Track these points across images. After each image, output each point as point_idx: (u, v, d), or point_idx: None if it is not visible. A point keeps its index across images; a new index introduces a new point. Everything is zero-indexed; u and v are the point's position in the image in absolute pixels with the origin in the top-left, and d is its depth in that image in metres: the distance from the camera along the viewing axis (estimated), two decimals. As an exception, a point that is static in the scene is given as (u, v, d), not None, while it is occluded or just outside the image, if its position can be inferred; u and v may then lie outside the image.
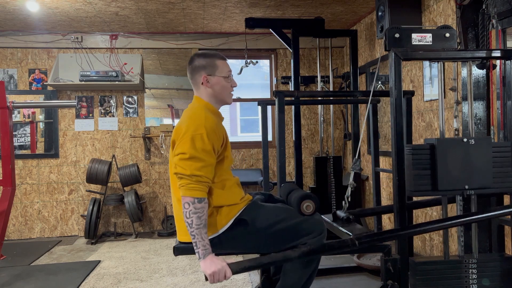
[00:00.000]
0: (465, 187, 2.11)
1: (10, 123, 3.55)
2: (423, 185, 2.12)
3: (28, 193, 5.25)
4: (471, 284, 2.11)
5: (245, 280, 3.42)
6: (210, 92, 2.10)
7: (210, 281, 1.87)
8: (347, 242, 1.97)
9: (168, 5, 4.32)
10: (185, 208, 1.87)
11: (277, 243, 2.07)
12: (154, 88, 5.47)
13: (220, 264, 1.85)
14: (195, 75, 2.11)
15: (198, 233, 1.86)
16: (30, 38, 5.20)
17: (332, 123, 5.17)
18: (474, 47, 2.88)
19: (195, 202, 1.86)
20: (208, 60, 2.11)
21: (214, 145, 1.95)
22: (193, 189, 1.88)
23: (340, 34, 4.84)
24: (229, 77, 2.14)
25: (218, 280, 1.86)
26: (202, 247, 1.86)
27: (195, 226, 1.85)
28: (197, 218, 1.86)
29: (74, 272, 3.78)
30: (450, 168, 2.09)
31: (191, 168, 1.89)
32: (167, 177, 5.45)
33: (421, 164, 2.12)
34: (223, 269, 1.86)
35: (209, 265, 1.85)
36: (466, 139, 2.11)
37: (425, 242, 3.80)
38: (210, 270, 1.84)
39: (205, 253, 1.86)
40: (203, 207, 1.88)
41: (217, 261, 1.86)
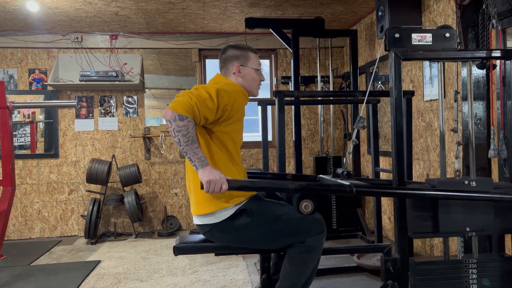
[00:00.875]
0: (467, 229, 2.09)
1: (10, 123, 3.55)
2: (424, 227, 2.09)
3: (28, 193, 5.25)
4: (471, 284, 2.11)
5: (245, 280, 3.43)
6: (241, 82, 2.18)
7: (205, 189, 1.84)
8: (344, 186, 1.97)
9: (168, 5, 4.32)
10: (169, 127, 1.87)
11: (276, 239, 2.08)
12: (154, 88, 5.47)
13: (218, 175, 1.84)
14: (228, 64, 2.19)
15: (189, 149, 1.86)
16: (30, 38, 5.20)
17: (332, 123, 5.17)
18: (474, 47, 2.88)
19: (176, 119, 1.85)
20: (242, 51, 2.20)
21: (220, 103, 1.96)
22: (177, 103, 1.87)
23: (340, 34, 4.84)
24: (259, 70, 2.23)
25: (213, 189, 1.84)
26: (198, 160, 1.86)
27: (184, 144, 1.85)
28: (183, 136, 1.85)
29: (74, 272, 3.78)
30: (451, 210, 2.07)
31: (187, 92, 1.94)
32: (167, 177, 5.46)
33: (422, 205, 2.09)
34: (221, 180, 1.84)
35: (207, 173, 1.83)
36: (467, 181, 2.09)
37: (425, 242, 3.80)
38: (208, 178, 1.82)
39: (202, 164, 1.86)
40: (186, 125, 1.85)
41: (215, 171, 1.85)
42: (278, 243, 2.10)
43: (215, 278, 3.52)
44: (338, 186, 2.05)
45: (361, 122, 2.43)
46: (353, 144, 2.47)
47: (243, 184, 1.96)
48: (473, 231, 2.10)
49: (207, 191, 1.84)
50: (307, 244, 2.05)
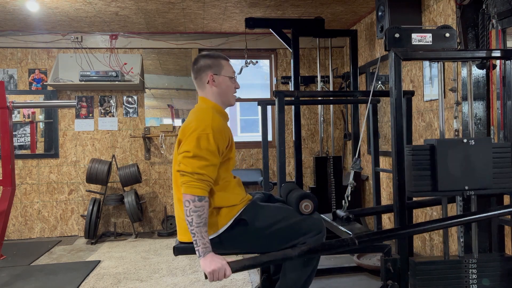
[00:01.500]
0: (465, 187, 2.11)
1: (10, 123, 3.55)
2: (423, 186, 2.12)
3: (28, 193, 5.25)
4: (471, 284, 2.11)
5: (245, 280, 3.42)
6: (216, 91, 2.13)
7: (209, 279, 1.87)
8: (347, 241, 1.97)
9: (168, 5, 4.32)
10: (186, 206, 1.88)
11: (276, 242, 2.07)
12: (154, 88, 5.47)
13: (220, 263, 1.86)
14: (201, 74, 2.14)
15: (198, 232, 1.86)
16: (30, 38, 5.20)
17: (332, 123, 5.17)
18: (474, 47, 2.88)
19: (196, 200, 1.87)
20: (214, 60, 2.15)
21: (219, 145, 1.96)
22: (194, 187, 1.89)
23: (340, 34, 4.84)
24: (233, 78, 2.18)
25: (217, 278, 1.87)
26: (202, 245, 1.87)
27: (195, 225, 1.86)
28: (197, 217, 1.86)
29: (74, 272, 3.78)
30: (450, 168, 2.09)
31: (193, 166, 1.90)
32: (167, 177, 5.45)
33: (421, 164, 2.12)
34: (223, 267, 1.86)
35: (209, 263, 1.85)
36: (466, 139, 2.11)
37: (425, 242, 3.80)
38: (210, 268, 1.84)
39: (205, 251, 1.87)
40: (203, 205, 1.88)
41: (217, 259, 1.86)
42: (280, 246, 2.09)
43: (215, 278, 3.51)
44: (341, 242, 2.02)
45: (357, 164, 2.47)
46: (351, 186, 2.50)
47: (246, 264, 1.94)
48: (472, 190, 2.11)
49: (211, 281, 1.88)
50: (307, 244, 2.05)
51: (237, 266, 1.90)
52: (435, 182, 2.10)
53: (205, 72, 2.12)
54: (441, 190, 2.10)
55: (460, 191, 2.12)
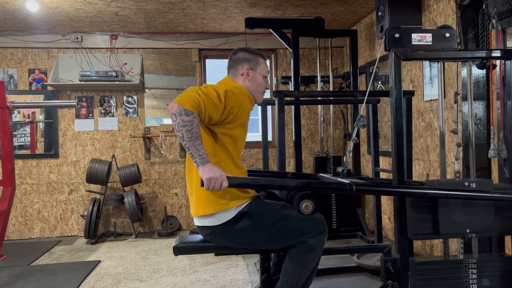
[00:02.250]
0: (467, 231, 2.09)
1: (10, 123, 3.55)
2: (424, 229, 2.10)
3: (28, 193, 5.25)
4: (471, 284, 2.11)
5: (245, 280, 3.43)
6: (248, 85, 2.19)
7: (206, 187, 1.84)
8: (345, 185, 1.97)
9: (168, 5, 4.32)
10: (173, 121, 1.86)
11: (277, 240, 2.08)
12: (154, 88, 5.47)
13: (219, 172, 1.84)
14: (238, 65, 2.20)
15: (192, 145, 1.86)
16: (30, 38, 5.20)
17: (332, 123, 5.17)
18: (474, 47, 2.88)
19: (182, 114, 1.84)
20: (253, 56, 2.22)
21: (227, 104, 1.97)
22: (185, 98, 1.87)
23: (340, 34, 4.84)
24: (267, 77, 2.25)
25: (213, 187, 1.84)
26: (199, 157, 1.86)
27: (187, 139, 1.85)
28: (187, 131, 1.85)
29: (74, 272, 3.78)
30: (451, 211, 2.07)
31: (196, 88, 1.94)
32: (167, 177, 5.46)
33: (422, 207, 2.09)
34: (221, 177, 1.84)
35: (208, 170, 1.84)
36: (467, 182, 2.09)
37: (425, 242, 3.80)
38: (208, 175, 1.83)
39: (203, 161, 1.86)
40: (191, 120, 1.85)
41: (216, 169, 1.85)
42: (280, 244, 2.10)
43: (215, 278, 3.52)
44: (338, 184, 2.06)
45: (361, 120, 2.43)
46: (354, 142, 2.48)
47: (243, 182, 1.97)
48: (473, 233, 2.10)
49: (207, 188, 1.85)
50: (308, 244, 2.05)
51: (235, 181, 1.90)
52: (437, 225, 2.08)
53: (241, 64, 2.19)
54: (442, 233, 2.08)
55: (461, 234, 2.10)
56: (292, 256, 2.08)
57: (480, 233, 2.11)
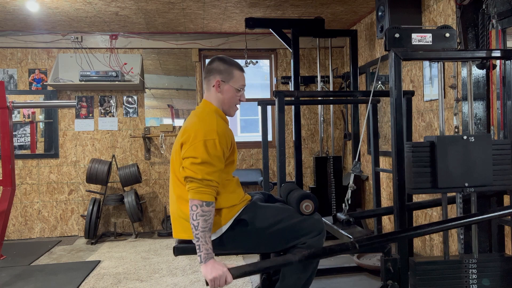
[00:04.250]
0: (465, 184, 2.11)
1: (10, 123, 3.55)
2: (423, 183, 2.12)
3: (28, 193, 5.25)
4: (471, 284, 2.11)
5: (245, 280, 3.42)
6: (219, 98, 2.12)
7: (210, 286, 1.88)
8: (347, 245, 1.97)
9: (168, 5, 4.32)
10: (193, 211, 1.88)
11: (276, 242, 2.07)
12: (154, 88, 5.47)
13: (221, 270, 1.86)
14: (210, 76, 2.14)
15: (203, 236, 1.87)
16: (30, 38, 5.20)
17: (332, 123, 5.17)
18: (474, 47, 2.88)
19: (203, 205, 1.88)
20: (227, 67, 2.12)
21: (224, 150, 1.97)
22: (203, 192, 1.90)
23: (340, 34, 4.84)
24: (240, 91, 2.15)
25: (218, 285, 1.87)
26: (205, 251, 1.87)
27: (201, 229, 1.87)
28: (203, 221, 1.87)
29: (74, 272, 3.78)
30: (450, 165, 2.09)
31: (202, 173, 1.91)
32: (167, 177, 5.45)
33: (421, 161, 2.12)
34: (224, 274, 1.86)
35: (210, 270, 1.86)
36: (466, 136, 2.11)
37: (425, 242, 3.80)
38: (211, 276, 1.85)
39: (207, 258, 1.87)
40: (210, 210, 1.90)
41: (218, 266, 1.86)
42: (280, 247, 2.09)
43: (215, 278, 3.51)
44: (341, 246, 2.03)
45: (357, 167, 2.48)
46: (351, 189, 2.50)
47: (247, 270, 1.94)
48: (472, 187, 2.11)
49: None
50: (308, 244, 2.04)
51: (238, 273, 1.90)
52: (435, 179, 2.10)
53: (214, 75, 2.12)
54: (441, 187, 2.10)
55: (460, 188, 2.12)
56: (292, 256, 2.08)
57: (479, 187, 2.12)
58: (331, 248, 2.00)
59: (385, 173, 4.38)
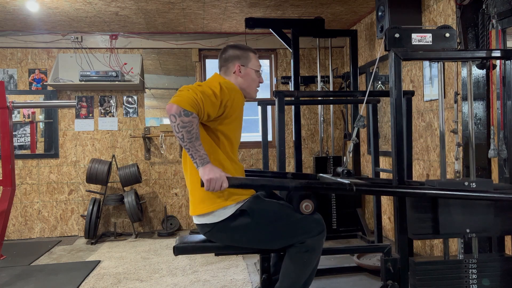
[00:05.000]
0: (466, 230, 2.09)
1: (10, 123, 3.55)
2: (424, 228, 2.09)
3: (28, 193, 5.25)
4: (471, 284, 2.11)
5: (245, 280, 3.43)
6: (240, 82, 2.18)
7: (206, 187, 1.85)
8: (344, 185, 1.96)
9: (168, 5, 4.32)
10: (172, 122, 1.84)
11: (276, 239, 2.08)
12: (154, 88, 5.47)
13: (219, 173, 1.84)
14: (229, 63, 2.19)
15: (192, 146, 1.85)
16: (30, 38, 5.20)
17: (332, 123, 5.17)
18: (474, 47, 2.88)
19: (182, 115, 1.83)
20: (243, 52, 2.20)
21: (224, 99, 1.97)
22: (182, 98, 1.85)
23: (340, 34, 4.84)
24: (259, 72, 2.23)
25: (213, 187, 1.84)
26: (199, 157, 1.86)
27: (187, 140, 1.85)
28: (187, 132, 1.84)
29: (74, 272, 3.78)
30: (451, 211, 2.07)
31: (191, 86, 1.92)
32: (167, 177, 5.46)
33: (422, 207, 2.09)
34: (221, 178, 1.84)
35: (208, 171, 1.84)
36: (467, 182, 2.09)
37: (425, 242, 3.80)
38: (208, 176, 1.83)
39: (203, 162, 1.86)
40: (191, 121, 1.84)
41: (216, 169, 1.85)
42: (278, 244, 2.10)
43: (215, 278, 3.52)
44: (338, 185, 2.05)
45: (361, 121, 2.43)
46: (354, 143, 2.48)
47: (244, 182, 1.96)
48: (473, 232, 2.10)
49: (207, 189, 1.85)
50: (307, 244, 2.05)
51: (235, 182, 1.90)
52: (437, 225, 2.08)
53: (232, 62, 2.18)
54: (442, 233, 2.08)
55: (461, 234, 2.10)
56: (292, 256, 2.08)
57: (480, 233, 2.11)
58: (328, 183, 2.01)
59: (385, 173, 4.38)
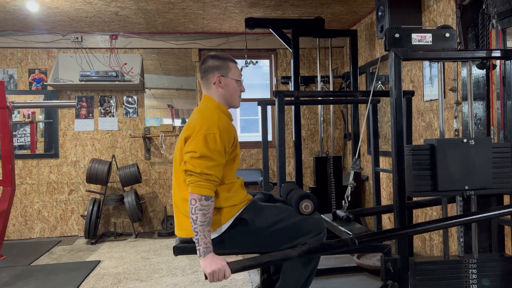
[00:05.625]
0: (465, 187, 2.11)
1: (10, 123, 3.55)
2: (423, 186, 2.12)
3: (28, 193, 5.25)
4: (471, 284, 2.11)
5: (245, 280, 3.42)
6: (221, 93, 2.15)
7: (209, 280, 1.88)
8: (347, 242, 1.97)
9: (168, 5, 4.32)
10: (192, 205, 1.89)
11: (276, 242, 2.07)
12: (154, 88, 5.47)
13: (220, 264, 1.87)
14: (208, 74, 2.16)
15: (201, 230, 1.87)
16: (30, 38, 5.20)
17: (332, 123, 5.17)
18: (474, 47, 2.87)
19: (202, 200, 1.88)
20: (222, 62, 2.17)
21: (225, 145, 1.98)
22: (201, 186, 1.90)
23: (340, 34, 4.84)
24: (239, 81, 2.20)
25: (217, 279, 1.88)
26: (204, 245, 1.88)
27: (199, 223, 1.87)
28: (202, 215, 1.87)
29: (74, 272, 3.78)
30: (450, 168, 2.09)
31: (201, 167, 1.91)
32: (167, 177, 5.45)
33: (421, 164, 2.12)
34: (223, 268, 1.87)
35: (209, 263, 1.86)
36: (466, 139, 2.11)
37: (425, 242, 3.80)
38: (210, 269, 1.85)
39: (206, 251, 1.88)
40: (209, 205, 1.90)
41: (217, 260, 1.87)
42: (280, 247, 2.09)
43: (215, 278, 3.51)
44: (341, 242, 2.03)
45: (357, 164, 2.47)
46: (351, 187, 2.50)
47: (246, 264, 1.94)
48: (472, 190, 2.11)
49: (211, 282, 1.89)
50: (308, 245, 2.04)
51: (237, 267, 1.91)
52: (435, 182, 2.10)
53: (212, 73, 2.15)
54: (441, 190, 2.10)
55: (460, 191, 2.12)
56: (292, 256, 2.08)
57: (479, 190, 2.12)
58: (330, 244, 2.00)
59: (385, 173, 4.38)
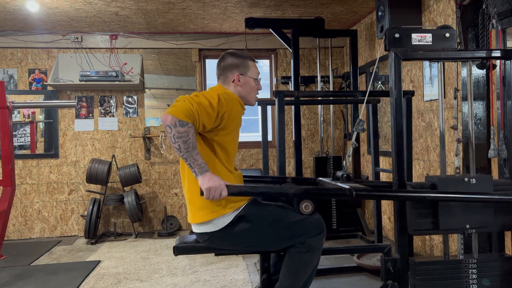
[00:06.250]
0: (466, 226, 2.09)
1: (10, 123, 3.55)
2: (424, 224, 2.09)
3: (28, 193, 5.25)
4: (471, 284, 2.11)
5: (245, 280, 3.43)
6: (239, 91, 2.18)
7: (205, 196, 1.85)
8: (344, 190, 1.96)
9: (168, 5, 4.32)
10: (169, 133, 1.84)
11: (276, 241, 2.08)
12: (154, 88, 5.47)
13: (218, 182, 1.85)
14: (227, 72, 2.18)
15: (189, 156, 1.85)
16: (30, 38, 5.20)
17: (332, 123, 5.17)
18: (474, 47, 2.88)
19: (177, 125, 1.83)
20: (242, 60, 2.19)
21: (220, 111, 1.97)
22: (178, 109, 1.84)
23: (340, 34, 4.84)
24: (257, 80, 2.23)
25: (213, 196, 1.85)
26: (198, 166, 1.86)
27: (184, 150, 1.85)
28: (183, 142, 1.84)
29: (74, 272, 3.78)
30: (451, 207, 2.07)
31: (187, 97, 1.92)
32: (167, 177, 5.46)
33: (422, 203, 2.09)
34: (220, 186, 1.85)
35: (207, 180, 1.84)
36: (467, 178, 2.09)
37: (425, 242, 3.80)
38: (207, 185, 1.83)
39: (201, 171, 1.86)
40: (187, 131, 1.84)
41: (215, 178, 1.86)
42: (279, 246, 2.10)
43: (215, 278, 3.52)
44: (337, 190, 2.05)
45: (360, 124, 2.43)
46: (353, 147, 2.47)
47: (243, 190, 1.96)
48: (473, 228, 2.10)
49: (207, 198, 1.85)
50: (307, 244, 2.05)
51: (235, 190, 1.90)
52: (436, 221, 2.08)
53: (231, 71, 2.17)
54: (442, 229, 2.08)
55: (461, 230, 2.10)
56: (292, 256, 2.08)
57: (480, 228, 2.11)
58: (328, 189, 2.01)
59: (385, 173, 4.38)
